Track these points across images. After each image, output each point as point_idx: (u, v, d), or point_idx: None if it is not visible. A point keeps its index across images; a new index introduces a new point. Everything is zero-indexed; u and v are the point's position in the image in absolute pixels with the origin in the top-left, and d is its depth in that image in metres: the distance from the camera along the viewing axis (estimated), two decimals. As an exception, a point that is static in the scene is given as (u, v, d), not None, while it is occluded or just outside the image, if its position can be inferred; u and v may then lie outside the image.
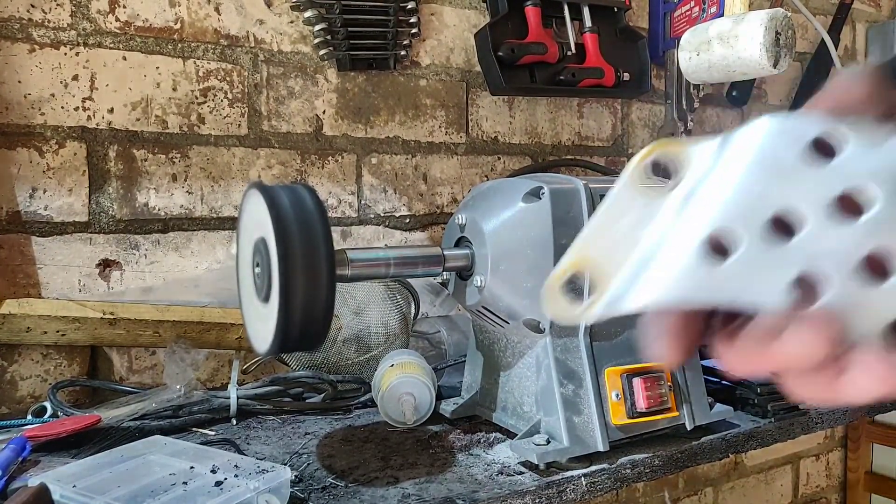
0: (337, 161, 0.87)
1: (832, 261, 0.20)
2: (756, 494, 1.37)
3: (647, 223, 0.21)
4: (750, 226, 0.20)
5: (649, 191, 0.22)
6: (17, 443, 0.55)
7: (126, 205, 0.75)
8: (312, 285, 0.45)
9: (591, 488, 0.54)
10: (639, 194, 0.22)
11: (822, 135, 0.21)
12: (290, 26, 0.84)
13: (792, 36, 0.84)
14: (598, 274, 0.21)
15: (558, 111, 1.04)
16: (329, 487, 0.52)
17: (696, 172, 0.21)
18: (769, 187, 0.21)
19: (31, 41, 0.70)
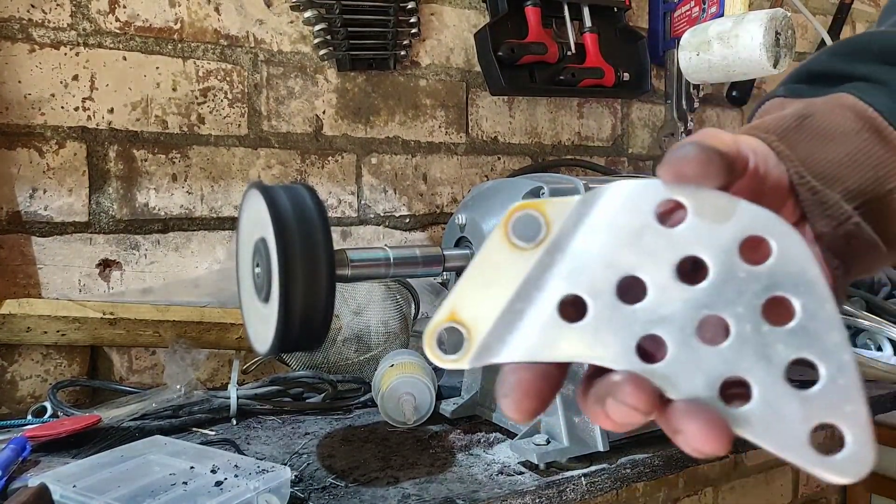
0: (337, 161, 0.87)
1: (671, 325, 0.22)
2: (756, 494, 1.37)
3: (511, 282, 0.23)
4: (599, 290, 0.22)
5: (514, 250, 0.23)
6: (17, 443, 0.55)
7: (126, 205, 0.75)
8: (312, 285, 0.45)
9: (591, 488, 0.54)
10: (505, 253, 0.23)
11: (666, 204, 0.23)
12: (290, 26, 0.84)
13: (792, 36, 0.84)
14: (468, 328, 0.23)
15: (558, 111, 1.04)
16: (329, 487, 0.52)
17: (555, 236, 0.23)
18: (617, 253, 0.22)
19: (31, 41, 0.70)
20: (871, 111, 0.28)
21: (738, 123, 1.24)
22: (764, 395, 0.22)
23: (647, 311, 0.22)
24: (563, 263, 0.23)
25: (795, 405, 0.21)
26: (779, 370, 0.22)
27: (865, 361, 0.78)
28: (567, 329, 0.22)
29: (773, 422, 0.21)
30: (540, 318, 0.23)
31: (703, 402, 0.21)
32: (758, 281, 0.22)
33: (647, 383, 0.22)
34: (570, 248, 0.23)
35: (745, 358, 0.22)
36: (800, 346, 0.21)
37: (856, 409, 0.21)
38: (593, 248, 0.23)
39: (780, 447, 0.22)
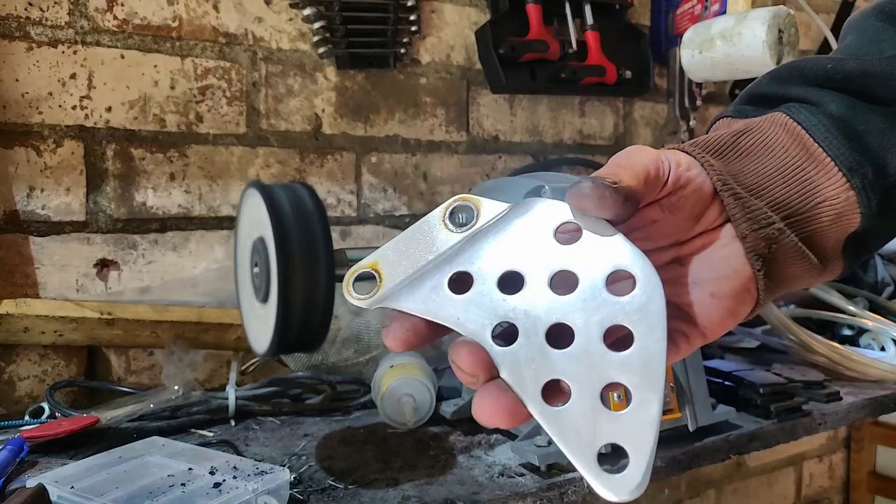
0: (336, 160, 0.87)
1: (527, 320, 0.26)
2: (759, 496, 1.36)
3: (430, 251, 0.28)
4: (484, 276, 0.27)
5: (444, 230, 0.28)
6: (14, 444, 0.55)
7: (124, 204, 0.75)
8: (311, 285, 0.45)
9: (592, 490, 0.54)
10: (435, 230, 0.28)
11: (567, 225, 0.27)
12: (289, 24, 0.83)
13: (795, 34, 0.84)
14: (381, 277, 0.28)
15: (559, 109, 1.03)
16: (328, 489, 0.52)
17: (478, 227, 0.28)
18: (513, 252, 0.27)
19: (28, 39, 0.70)
20: (800, 129, 0.30)
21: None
22: (577, 403, 0.25)
23: (515, 302, 0.26)
24: (472, 249, 0.27)
25: (600, 421, 0.24)
26: (598, 385, 0.25)
27: (868, 362, 0.78)
28: (448, 298, 0.27)
29: (575, 428, 0.24)
30: (433, 284, 0.27)
31: (520, 388, 0.25)
32: (611, 308, 0.26)
33: (481, 353, 0.25)
34: (484, 240, 0.28)
35: (575, 367, 0.25)
36: (622, 374, 0.25)
37: (646, 440, 0.24)
38: (498, 243, 0.27)
39: (572, 451, 0.24)
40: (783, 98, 0.32)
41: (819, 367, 0.78)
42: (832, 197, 0.29)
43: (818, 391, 0.71)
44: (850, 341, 0.85)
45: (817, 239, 0.30)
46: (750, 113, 0.33)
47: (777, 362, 0.78)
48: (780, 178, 0.29)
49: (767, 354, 0.85)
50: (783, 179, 0.29)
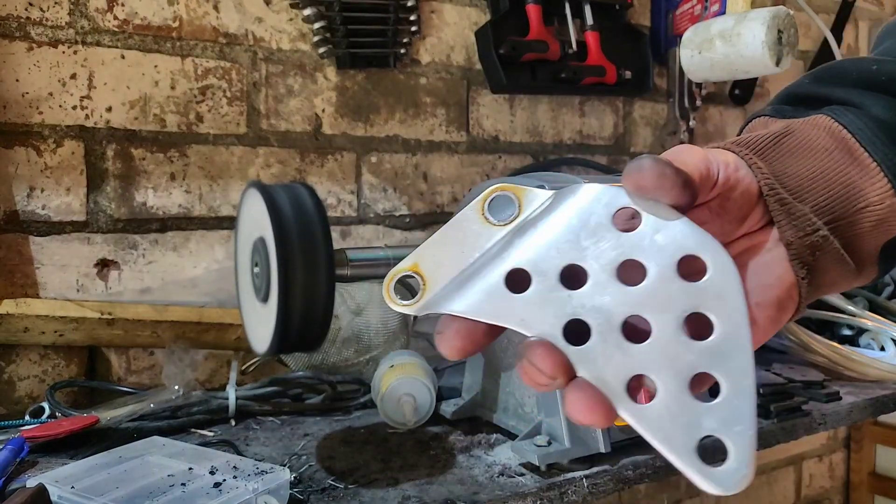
0: (336, 160, 0.87)
1: (599, 316, 0.24)
2: (759, 496, 1.36)
3: (474, 248, 0.26)
4: (544, 271, 0.25)
5: (485, 224, 0.26)
6: (14, 443, 0.55)
7: (124, 204, 0.75)
8: (312, 285, 0.45)
9: (592, 490, 0.54)
10: (476, 224, 0.26)
11: (626, 211, 0.25)
12: (290, 24, 0.83)
13: (794, 34, 0.84)
14: (424, 280, 0.26)
15: (560, 109, 1.03)
16: (329, 489, 0.52)
17: (523, 219, 0.26)
18: (570, 244, 0.25)
19: (28, 39, 0.70)
20: (845, 132, 0.29)
21: (740, 122, 1.24)
22: (665, 399, 0.23)
23: (582, 298, 0.25)
24: (522, 243, 0.26)
25: (692, 414, 0.23)
26: (684, 378, 0.24)
27: (868, 362, 0.78)
28: (508, 297, 0.25)
29: (668, 424, 0.23)
30: (487, 283, 0.25)
31: (604, 388, 0.24)
32: (687, 296, 0.24)
33: (558, 354, 0.24)
34: (532, 232, 0.26)
35: (657, 361, 0.24)
36: (709, 363, 0.24)
37: (744, 430, 0.23)
38: (550, 235, 0.25)
39: (669, 448, 0.23)
40: (824, 99, 0.31)
41: (819, 367, 0.78)
42: (875, 202, 0.28)
43: (818, 391, 0.71)
44: (849, 341, 0.85)
45: (856, 244, 0.29)
46: (789, 113, 0.32)
47: (777, 362, 0.79)
48: (822, 182, 0.28)
49: (767, 354, 0.85)
50: (825, 183, 0.28)
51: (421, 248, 0.26)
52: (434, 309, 0.25)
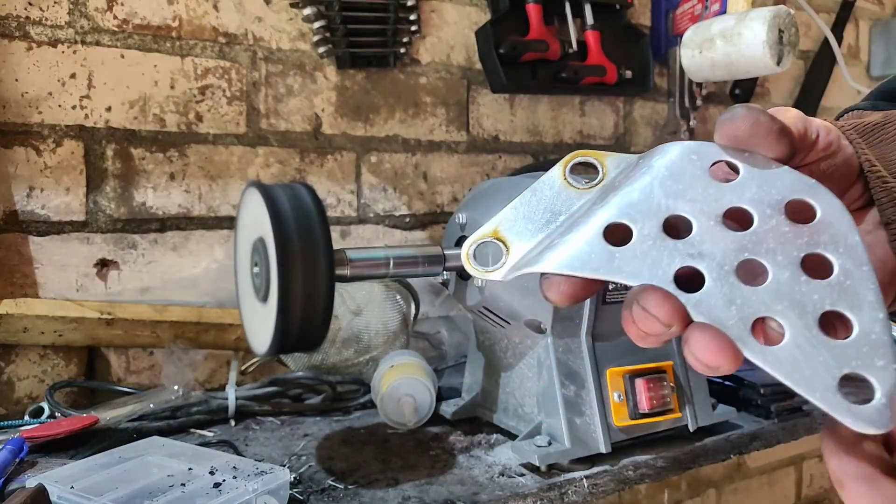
0: (336, 160, 0.87)
1: (711, 261, 0.23)
2: (759, 496, 1.36)
3: (560, 210, 0.26)
4: (645, 222, 0.24)
5: (568, 188, 0.26)
6: (14, 444, 0.54)
7: (124, 204, 0.75)
8: (311, 285, 0.44)
9: (592, 490, 0.54)
10: (558, 189, 0.26)
11: (720, 161, 0.25)
12: (289, 24, 0.83)
13: (795, 34, 0.84)
14: (507, 245, 0.25)
15: (560, 109, 1.03)
16: (328, 489, 0.52)
17: (609, 180, 0.26)
18: (669, 196, 0.24)
19: (28, 39, 0.70)
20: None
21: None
22: (795, 338, 0.22)
23: (690, 245, 0.23)
24: (614, 200, 0.25)
25: (826, 352, 0.22)
26: (812, 317, 0.22)
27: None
28: (608, 251, 0.24)
29: (803, 364, 0.22)
30: (583, 239, 0.24)
31: (729, 332, 0.22)
32: (799, 237, 0.23)
33: (673, 299, 0.23)
34: (624, 189, 0.25)
35: (780, 301, 0.23)
36: (835, 300, 0.22)
37: (887, 364, 0.22)
38: (645, 191, 0.24)
39: (808, 389, 0.22)
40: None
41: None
42: None
43: (819, 391, 0.71)
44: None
45: None
46: (883, 108, 0.32)
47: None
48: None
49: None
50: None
51: (500, 214, 0.26)
52: (524, 270, 0.24)
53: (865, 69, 1.40)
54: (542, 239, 0.25)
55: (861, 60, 1.40)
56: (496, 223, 0.25)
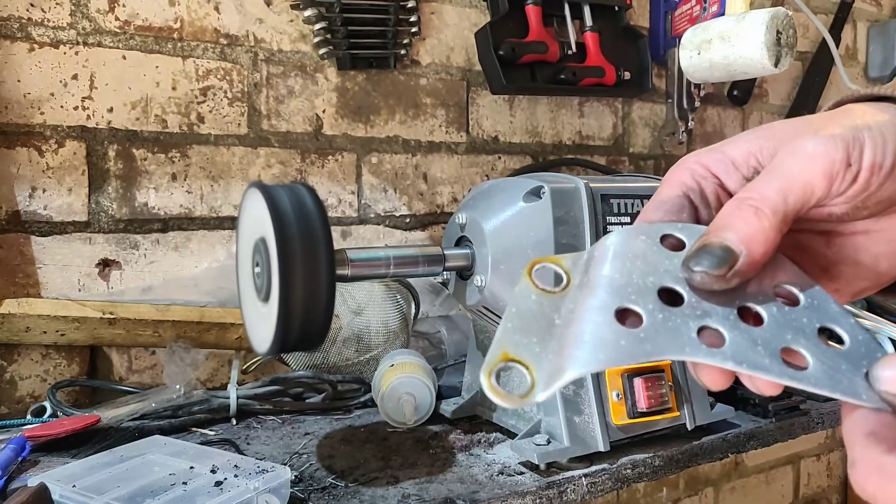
0: (337, 160, 0.87)
1: (717, 316, 0.25)
2: (757, 495, 1.37)
3: (552, 314, 0.26)
4: (645, 300, 0.25)
5: (544, 293, 0.26)
6: (16, 443, 0.55)
7: (125, 204, 0.75)
8: (312, 285, 0.45)
9: (591, 488, 0.54)
10: (536, 296, 0.26)
11: (665, 235, 0.27)
12: (290, 25, 0.83)
13: (793, 35, 0.84)
14: (524, 363, 0.24)
15: (559, 110, 1.03)
16: (329, 487, 0.52)
17: (581, 276, 0.27)
18: (646, 273, 0.26)
19: (30, 40, 0.70)
20: None
21: (739, 122, 1.24)
22: (817, 357, 0.24)
23: (692, 307, 0.25)
24: (601, 289, 0.25)
25: (842, 361, 0.24)
26: (814, 337, 0.25)
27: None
28: (632, 333, 0.24)
29: (834, 376, 0.24)
30: (600, 332, 0.24)
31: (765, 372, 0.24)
32: (760, 277, 0.26)
33: (716, 369, 0.25)
34: (602, 280, 0.26)
35: (787, 331, 0.25)
36: (817, 318, 0.25)
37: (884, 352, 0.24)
38: (624, 273, 0.26)
39: (853, 395, 0.24)
40: None
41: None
42: None
43: (816, 390, 0.71)
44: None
45: None
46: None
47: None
48: None
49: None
50: None
51: (496, 339, 0.25)
52: (559, 382, 0.24)
53: (863, 70, 1.41)
54: (553, 346, 0.25)
55: (859, 61, 1.40)
56: (500, 348, 0.25)
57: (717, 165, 0.29)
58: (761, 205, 0.25)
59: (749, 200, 0.25)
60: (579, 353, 0.24)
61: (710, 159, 0.29)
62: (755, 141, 0.28)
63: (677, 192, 0.29)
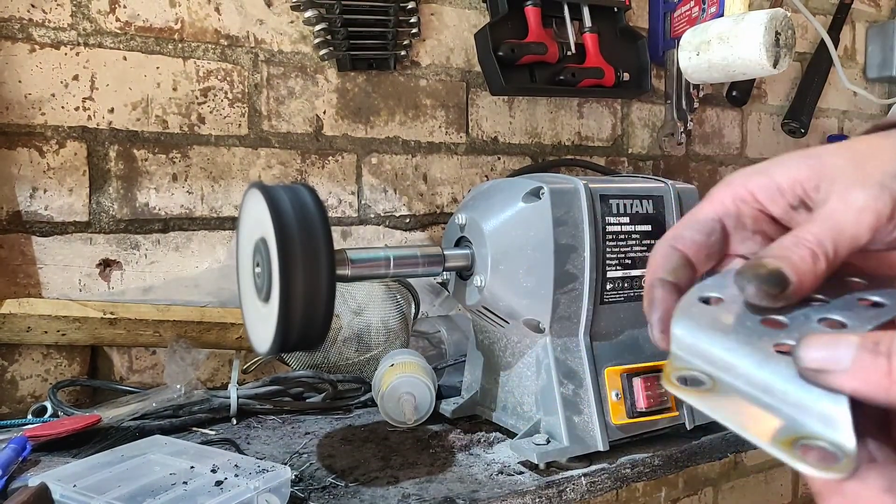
0: (337, 161, 0.88)
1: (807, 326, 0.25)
2: (756, 494, 1.37)
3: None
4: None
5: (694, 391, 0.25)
6: (17, 442, 0.55)
7: (126, 205, 0.76)
8: (313, 285, 0.45)
9: (590, 488, 0.55)
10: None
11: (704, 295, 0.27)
12: (291, 26, 0.84)
13: (792, 36, 0.84)
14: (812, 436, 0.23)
15: (558, 111, 1.04)
16: (329, 487, 0.52)
17: (709, 371, 0.25)
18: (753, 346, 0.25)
19: (31, 41, 0.70)
20: None
21: (738, 123, 1.24)
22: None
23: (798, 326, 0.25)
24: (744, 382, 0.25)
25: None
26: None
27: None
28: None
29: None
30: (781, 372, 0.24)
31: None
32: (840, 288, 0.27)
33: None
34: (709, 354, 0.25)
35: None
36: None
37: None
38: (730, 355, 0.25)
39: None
40: None
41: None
42: None
43: (814, 390, 0.71)
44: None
45: None
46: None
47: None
48: None
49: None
50: None
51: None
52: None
53: (862, 71, 1.41)
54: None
55: (857, 62, 1.40)
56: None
57: (763, 192, 0.29)
58: (818, 249, 0.26)
59: (806, 242, 0.26)
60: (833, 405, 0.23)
61: (757, 185, 0.29)
62: (803, 170, 0.28)
63: (712, 216, 0.30)
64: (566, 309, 0.57)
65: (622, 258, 0.59)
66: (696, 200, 0.64)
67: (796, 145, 1.31)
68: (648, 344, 0.61)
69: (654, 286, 0.29)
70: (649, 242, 0.60)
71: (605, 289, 0.58)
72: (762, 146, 1.27)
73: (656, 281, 0.29)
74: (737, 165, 1.23)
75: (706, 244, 0.29)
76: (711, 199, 0.30)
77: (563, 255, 0.56)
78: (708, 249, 0.30)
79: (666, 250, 0.30)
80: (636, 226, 0.60)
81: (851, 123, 1.41)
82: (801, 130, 1.24)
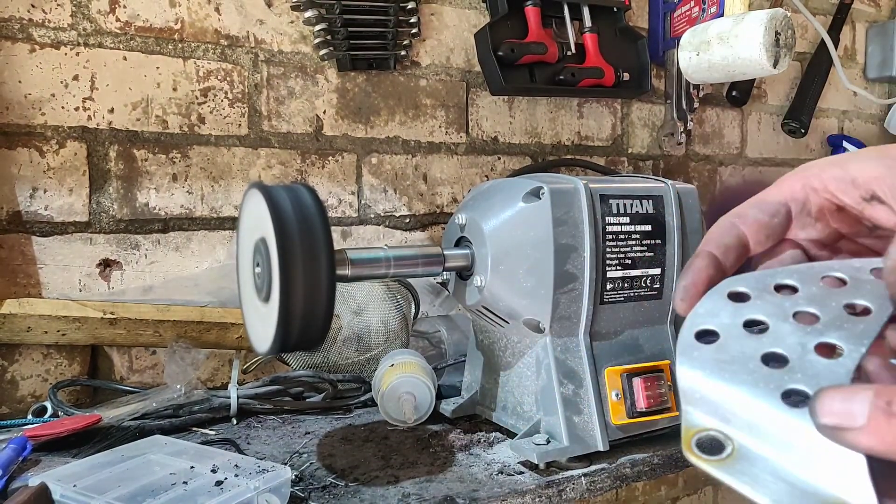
0: (337, 161, 0.88)
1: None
2: (756, 494, 1.37)
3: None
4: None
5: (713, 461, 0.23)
6: (17, 442, 0.55)
7: (126, 205, 0.76)
8: (312, 285, 0.45)
9: (590, 487, 0.55)
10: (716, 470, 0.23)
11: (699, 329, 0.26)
12: (291, 26, 0.84)
13: (792, 36, 0.84)
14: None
15: (558, 111, 1.04)
16: (329, 487, 0.52)
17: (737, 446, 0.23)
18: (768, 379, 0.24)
19: (31, 41, 0.70)
20: None
21: (738, 123, 1.24)
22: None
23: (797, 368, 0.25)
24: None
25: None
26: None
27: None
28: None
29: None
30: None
31: None
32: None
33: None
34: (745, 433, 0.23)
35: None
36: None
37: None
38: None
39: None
40: None
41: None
42: None
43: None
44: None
45: None
46: None
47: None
48: None
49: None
50: None
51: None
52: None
53: (862, 71, 1.41)
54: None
55: (857, 62, 1.40)
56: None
57: (835, 183, 0.29)
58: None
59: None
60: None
61: (831, 176, 0.30)
62: (880, 168, 0.29)
63: (780, 199, 0.30)
64: (566, 309, 0.57)
65: (622, 258, 0.59)
66: (696, 200, 0.64)
67: (796, 145, 1.31)
68: (648, 344, 0.61)
69: (698, 255, 0.29)
70: (649, 242, 0.60)
71: (605, 289, 0.58)
72: (762, 146, 1.27)
73: (703, 251, 0.29)
74: (737, 165, 1.23)
75: (768, 224, 0.30)
76: (780, 185, 0.31)
77: (563, 255, 0.56)
78: (769, 230, 0.30)
79: (725, 225, 0.30)
80: (636, 226, 0.60)
81: (851, 123, 1.41)
82: (801, 130, 1.25)
